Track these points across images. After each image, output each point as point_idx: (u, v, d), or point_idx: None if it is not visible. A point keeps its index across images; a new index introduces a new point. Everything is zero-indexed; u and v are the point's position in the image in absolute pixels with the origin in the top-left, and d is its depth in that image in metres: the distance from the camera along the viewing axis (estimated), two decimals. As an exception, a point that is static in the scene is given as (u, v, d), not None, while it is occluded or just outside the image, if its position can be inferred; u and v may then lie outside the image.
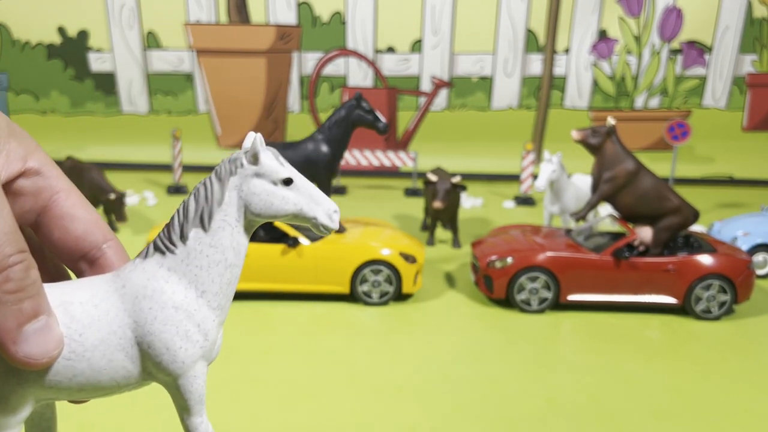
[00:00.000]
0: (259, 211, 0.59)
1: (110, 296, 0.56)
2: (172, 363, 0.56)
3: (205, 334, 0.57)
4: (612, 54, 6.30)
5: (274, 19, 6.19)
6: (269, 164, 0.59)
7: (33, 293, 0.48)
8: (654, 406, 1.98)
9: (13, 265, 0.46)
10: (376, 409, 1.90)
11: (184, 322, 0.56)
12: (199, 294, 0.57)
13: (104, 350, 0.55)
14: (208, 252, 0.57)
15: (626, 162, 2.85)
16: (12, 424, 0.56)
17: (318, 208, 0.59)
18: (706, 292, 2.74)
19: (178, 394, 0.58)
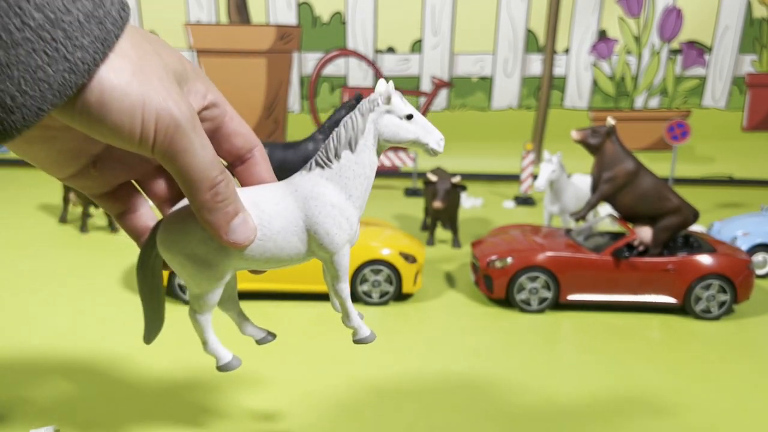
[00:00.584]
0: (388, 137, 0.80)
1: (287, 197, 0.78)
2: (330, 244, 0.78)
3: (351, 225, 0.80)
4: (612, 54, 6.30)
5: (274, 19, 6.20)
6: (397, 104, 0.80)
7: (233, 199, 0.66)
8: (654, 406, 1.98)
9: (219, 183, 0.64)
10: (376, 408, 1.91)
11: (338, 216, 0.78)
12: (347, 197, 0.79)
13: (285, 234, 0.78)
14: (354, 167, 0.79)
15: (626, 162, 2.86)
16: (219, 284, 0.83)
17: (430, 136, 0.81)
18: (705, 292, 2.75)
19: (332, 267, 0.82)
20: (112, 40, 0.54)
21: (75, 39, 0.51)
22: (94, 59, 0.52)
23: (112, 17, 0.54)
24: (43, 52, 0.49)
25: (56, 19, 0.49)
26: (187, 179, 0.62)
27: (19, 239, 3.70)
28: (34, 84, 0.49)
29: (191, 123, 0.60)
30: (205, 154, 0.62)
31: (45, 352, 2.25)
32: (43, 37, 0.49)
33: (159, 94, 0.57)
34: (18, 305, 2.69)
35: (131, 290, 2.91)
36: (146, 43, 0.60)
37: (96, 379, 2.06)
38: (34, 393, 1.95)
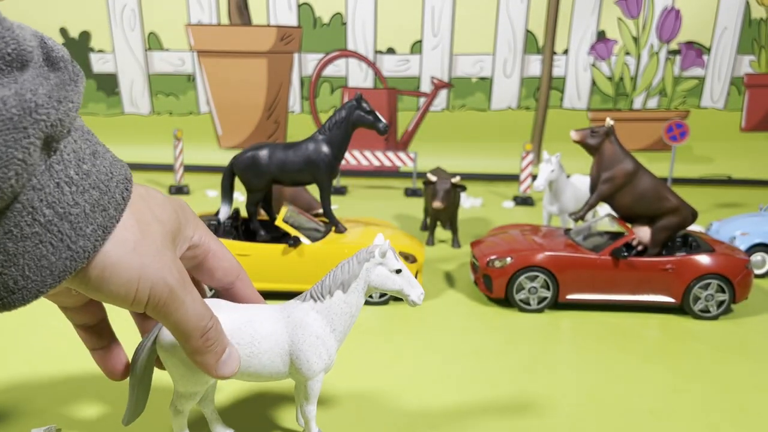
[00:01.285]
0: (376, 285, 0.96)
1: (279, 321, 0.91)
2: (308, 371, 0.92)
3: (329, 355, 0.94)
4: (611, 55, 6.32)
5: (274, 20, 6.22)
6: (390, 259, 0.97)
7: (220, 339, 0.77)
8: (652, 405, 2.00)
9: (209, 329, 0.74)
10: (376, 408, 1.93)
11: (320, 347, 0.90)
12: (331, 330, 0.91)
13: (270, 355, 0.90)
14: (342, 306, 0.93)
15: (625, 162, 2.87)
16: (204, 386, 1.05)
17: (412, 290, 1.01)
18: (704, 292, 2.76)
19: (305, 390, 0.97)
20: (113, 225, 0.61)
21: (79, 229, 0.57)
22: (94, 246, 0.59)
23: (115, 201, 0.61)
24: (49, 243, 0.55)
25: (65, 213, 0.55)
26: (180, 331, 0.72)
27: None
28: (37, 270, 0.54)
29: (182, 285, 0.69)
30: (195, 308, 0.71)
31: (45, 351, 2.26)
32: (50, 230, 0.54)
33: (155, 265, 0.65)
34: (20, 305, 2.70)
35: (133, 290, 2.92)
36: (146, 211, 0.67)
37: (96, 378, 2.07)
38: (34, 393, 1.96)
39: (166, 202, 0.72)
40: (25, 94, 0.48)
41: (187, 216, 0.78)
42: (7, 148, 0.47)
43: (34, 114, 0.49)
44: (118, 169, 0.63)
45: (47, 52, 0.53)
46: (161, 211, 0.69)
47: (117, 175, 0.62)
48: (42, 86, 0.49)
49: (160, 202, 0.71)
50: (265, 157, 2.88)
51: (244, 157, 2.93)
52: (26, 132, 0.48)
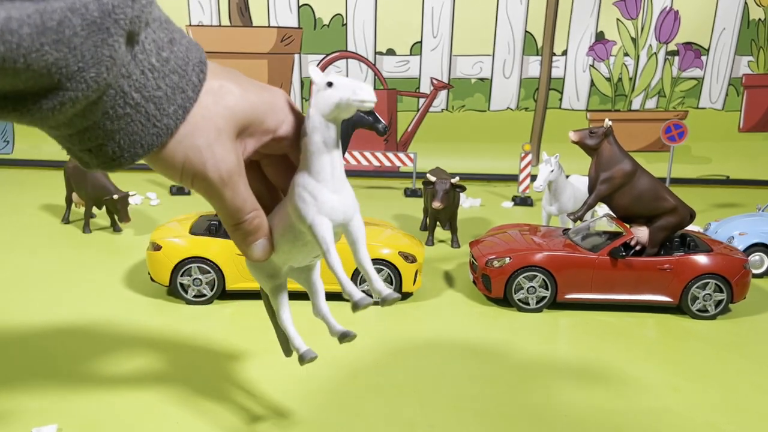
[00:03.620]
0: (321, 111, 0.86)
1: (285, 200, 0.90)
2: (300, 217, 0.87)
3: (314, 198, 0.86)
4: (609, 56, 6.33)
5: (275, 21, 6.23)
6: (317, 79, 0.87)
7: (254, 231, 0.82)
8: (650, 405, 2.01)
9: (242, 222, 0.79)
10: (376, 408, 1.94)
11: (302, 193, 0.86)
12: (308, 174, 0.86)
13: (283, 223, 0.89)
14: (308, 147, 0.86)
15: (623, 163, 2.88)
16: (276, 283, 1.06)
17: (351, 93, 0.84)
18: (702, 291, 2.78)
19: (314, 240, 0.90)
20: (191, 105, 0.69)
21: (163, 109, 0.67)
22: (176, 124, 0.69)
23: (192, 83, 0.69)
24: (139, 122, 0.66)
25: (150, 96, 0.65)
26: (219, 215, 0.80)
27: (21, 239, 3.72)
28: (131, 144, 0.68)
29: (223, 181, 0.75)
30: (234, 202, 0.78)
31: (46, 351, 2.27)
32: (139, 111, 0.65)
33: (200, 156, 0.72)
34: (20, 305, 2.71)
35: (134, 290, 2.94)
36: (210, 95, 0.72)
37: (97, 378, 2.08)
38: (34, 392, 1.97)
39: (246, 87, 0.76)
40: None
41: (275, 103, 0.80)
42: (96, 48, 0.57)
43: (112, 15, 0.57)
44: (194, 53, 0.70)
45: None
46: (232, 98, 0.74)
47: (192, 59, 0.69)
48: None
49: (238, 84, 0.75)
50: (265, 158, 2.89)
51: (245, 158, 2.93)
52: (109, 32, 0.57)
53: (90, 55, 0.59)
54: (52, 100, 0.60)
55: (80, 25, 0.57)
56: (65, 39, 0.57)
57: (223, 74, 0.77)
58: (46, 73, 0.58)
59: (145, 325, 2.54)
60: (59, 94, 0.60)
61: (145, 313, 2.66)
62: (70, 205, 4.06)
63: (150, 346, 2.32)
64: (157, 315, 2.64)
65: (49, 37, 0.56)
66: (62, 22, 0.57)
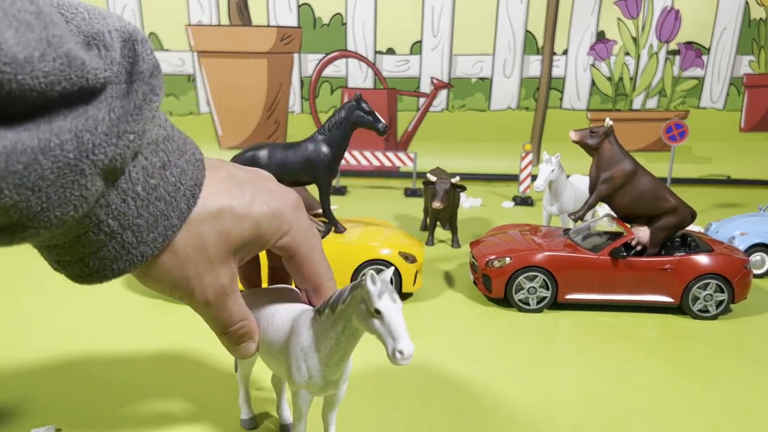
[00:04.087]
0: (356, 321, 0.87)
1: (289, 322, 0.90)
2: (288, 378, 0.89)
3: (310, 373, 0.87)
4: (610, 55, 6.32)
5: (275, 20, 6.22)
6: (371, 294, 0.89)
7: (240, 339, 0.83)
8: (651, 405, 2.00)
9: (228, 332, 0.82)
10: (376, 408, 1.93)
11: (300, 360, 0.86)
12: (316, 349, 0.86)
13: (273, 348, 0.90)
14: (328, 327, 0.86)
15: (624, 162, 2.88)
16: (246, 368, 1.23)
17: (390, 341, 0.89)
18: (703, 292, 2.77)
19: (293, 400, 0.95)
20: (174, 233, 0.66)
21: (141, 237, 0.63)
22: (152, 252, 0.66)
23: (179, 210, 0.65)
24: (113, 248, 0.63)
25: (129, 224, 0.62)
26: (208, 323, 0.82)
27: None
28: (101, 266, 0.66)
29: (209, 303, 0.75)
30: (219, 319, 0.79)
31: (45, 351, 2.26)
32: (114, 237, 0.62)
33: (187, 285, 0.72)
34: (18, 305, 2.71)
35: (132, 290, 2.93)
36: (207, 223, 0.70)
37: (96, 378, 2.08)
38: (34, 393, 1.97)
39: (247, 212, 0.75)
40: (83, 135, 0.50)
41: (280, 224, 0.80)
42: (65, 189, 0.52)
43: (90, 155, 0.52)
44: (189, 174, 0.65)
45: (132, 62, 0.56)
46: (233, 224, 0.72)
47: (186, 183, 0.64)
48: (103, 123, 0.51)
49: (238, 216, 0.73)
50: (264, 157, 2.88)
51: (244, 157, 2.93)
52: (83, 173, 0.52)
53: (57, 196, 0.53)
54: (11, 235, 0.56)
55: (50, 168, 0.51)
56: (29, 183, 0.50)
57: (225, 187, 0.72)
58: (2, 213, 0.52)
59: (145, 325, 2.53)
60: (19, 230, 0.55)
61: (144, 314, 2.65)
62: (69, 204, 4.04)
63: (149, 346, 2.32)
64: (156, 315, 2.64)
65: (11, 181, 0.50)
66: (29, 166, 0.50)
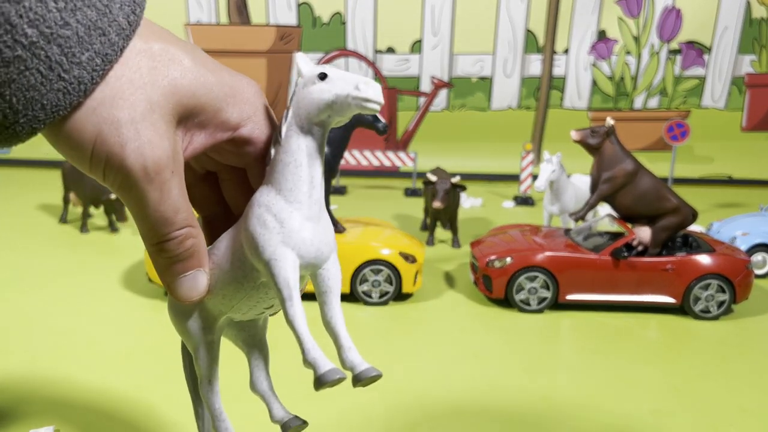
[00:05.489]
0: (308, 111, 0.64)
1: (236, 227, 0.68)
2: (257, 247, 0.64)
3: (281, 222, 0.65)
4: (611, 54, 6.31)
5: (274, 19, 6.21)
6: (305, 68, 0.64)
7: (185, 257, 0.60)
8: (653, 406, 1.99)
9: (170, 239, 0.58)
10: (376, 408, 1.92)
11: (263, 214, 0.65)
12: (277, 191, 0.66)
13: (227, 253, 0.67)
14: (281, 157, 0.66)
15: (625, 162, 2.86)
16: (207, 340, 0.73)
17: (347, 85, 0.62)
18: (704, 292, 2.75)
19: (271, 282, 0.66)
20: (115, 54, 0.49)
21: (72, 55, 0.47)
22: (91, 77, 0.48)
23: (117, 25, 0.49)
24: (37, 71, 0.46)
25: (52, 34, 0.45)
26: (137, 225, 0.57)
27: (19, 239, 3.70)
28: (28, 104, 0.46)
29: (147, 174, 0.52)
30: (159, 209, 0.55)
31: (45, 352, 2.25)
32: (36, 54, 0.45)
33: (117, 134, 0.50)
34: (18, 305, 2.70)
35: (131, 290, 2.92)
36: (146, 57, 0.52)
37: (95, 379, 2.06)
38: (34, 393, 1.96)
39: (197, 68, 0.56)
40: None
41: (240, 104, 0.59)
42: None
43: None
44: None
45: None
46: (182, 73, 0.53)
47: None
48: None
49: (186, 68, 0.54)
50: (264, 157, 2.87)
51: (243, 157, 2.92)
52: None
53: None
54: None
55: None
56: None
57: (171, 39, 0.56)
58: None
59: (143, 326, 2.52)
60: None
61: (142, 314, 2.64)
62: (67, 204, 4.04)
63: (147, 347, 2.30)
64: (154, 316, 2.62)
65: None
66: None
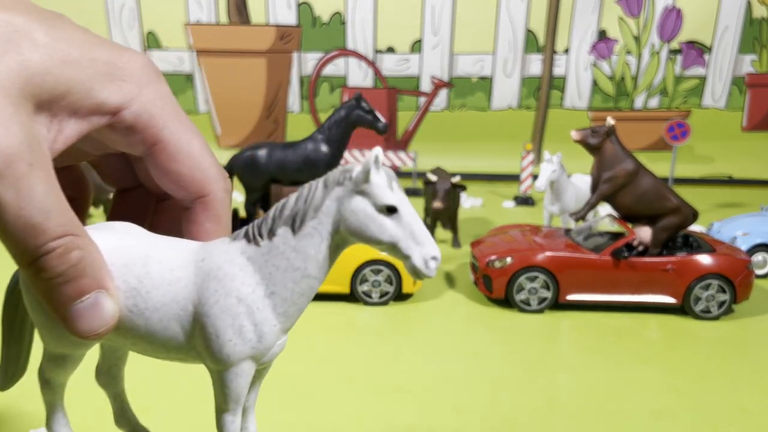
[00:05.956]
0: (352, 230, 0.54)
1: (188, 266, 0.55)
2: (218, 352, 0.54)
3: (259, 336, 0.55)
4: (611, 54, 6.30)
5: (274, 19, 6.20)
6: (378, 185, 0.54)
7: (72, 276, 0.47)
8: (653, 406, 1.99)
9: (43, 255, 0.44)
10: (376, 409, 1.91)
11: (241, 317, 0.53)
12: (268, 293, 0.54)
13: (163, 315, 0.54)
14: (290, 255, 0.54)
15: (626, 162, 2.86)
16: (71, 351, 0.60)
17: (416, 248, 0.54)
18: (705, 292, 2.75)
19: (217, 386, 0.57)
20: None
21: None
22: None
23: None
24: None
25: None
26: (2, 240, 0.43)
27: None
28: None
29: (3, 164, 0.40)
30: (21, 215, 0.41)
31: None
32: None
33: None
34: (17, 305, 2.69)
35: (131, 290, 2.91)
36: None
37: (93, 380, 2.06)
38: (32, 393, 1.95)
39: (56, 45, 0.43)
40: None
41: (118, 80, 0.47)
42: None
43: None
44: None
45: None
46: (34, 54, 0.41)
47: None
48: None
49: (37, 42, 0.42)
50: (263, 157, 2.87)
51: (243, 157, 2.91)
52: None
53: None
54: None
55: None
56: None
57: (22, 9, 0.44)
58: None
59: None
60: None
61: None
62: (67, 204, 4.03)
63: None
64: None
65: None
66: None
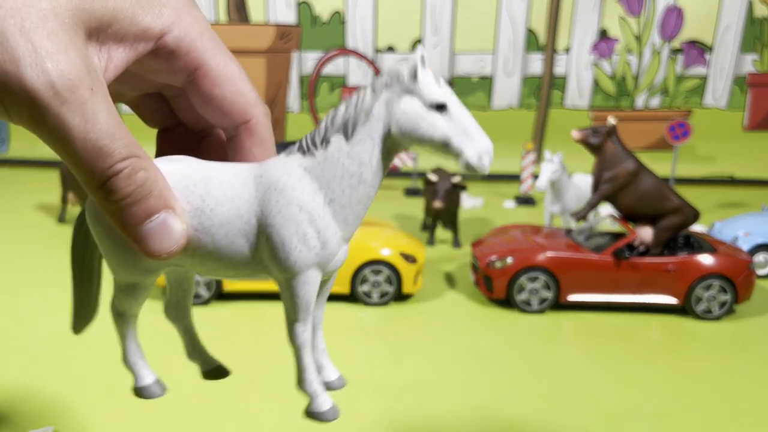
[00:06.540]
0: (404, 131, 0.54)
1: (248, 182, 0.56)
2: (285, 260, 0.55)
3: (323, 243, 0.56)
4: (612, 53, 6.29)
5: (273, 18, 6.19)
6: (427, 83, 0.53)
7: (141, 196, 0.48)
8: (654, 406, 1.97)
9: (113, 175, 0.45)
10: (376, 408, 1.90)
11: (304, 224, 0.55)
12: (327, 201, 0.55)
13: (228, 230, 0.56)
14: (345, 161, 0.55)
15: (627, 162, 2.85)
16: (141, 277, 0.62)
17: (468, 143, 0.54)
18: (706, 292, 2.74)
19: (287, 296, 0.58)
20: None
21: None
22: None
23: None
24: None
25: None
26: (70, 167, 0.46)
27: (18, 239, 3.69)
28: None
29: (58, 94, 0.42)
30: (89, 138, 0.44)
31: (44, 352, 2.24)
32: None
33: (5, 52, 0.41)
34: (17, 305, 2.68)
35: (130, 290, 2.91)
36: None
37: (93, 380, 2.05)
38: (33, 393, 1.95)
39: None
40: None
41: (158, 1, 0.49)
42: None
43: None
44: None
45: None
46: None
47: None
48: None
49: None
50: (263, 157, 2.86)
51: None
52: None
53: None
54: None
55: None
56: None
57: None
58: None
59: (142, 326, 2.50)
60: None
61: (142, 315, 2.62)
62: (66, 204, 4.02)
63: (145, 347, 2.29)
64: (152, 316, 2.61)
65: None
66: None
